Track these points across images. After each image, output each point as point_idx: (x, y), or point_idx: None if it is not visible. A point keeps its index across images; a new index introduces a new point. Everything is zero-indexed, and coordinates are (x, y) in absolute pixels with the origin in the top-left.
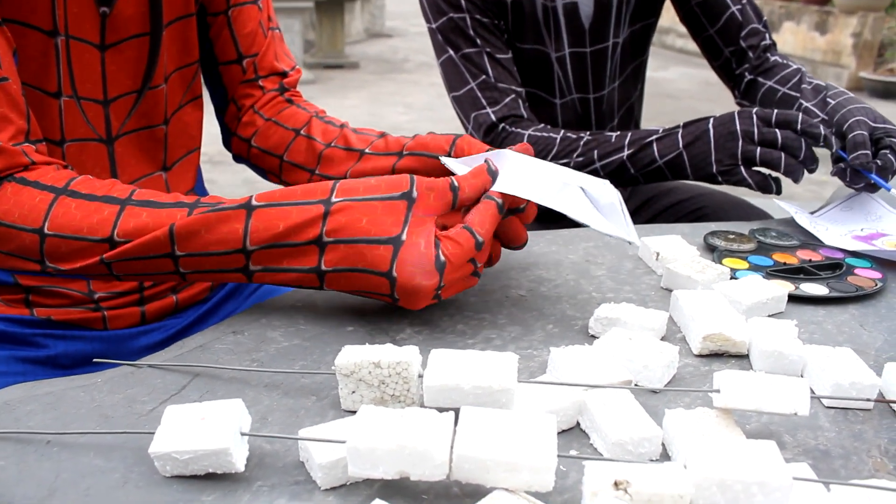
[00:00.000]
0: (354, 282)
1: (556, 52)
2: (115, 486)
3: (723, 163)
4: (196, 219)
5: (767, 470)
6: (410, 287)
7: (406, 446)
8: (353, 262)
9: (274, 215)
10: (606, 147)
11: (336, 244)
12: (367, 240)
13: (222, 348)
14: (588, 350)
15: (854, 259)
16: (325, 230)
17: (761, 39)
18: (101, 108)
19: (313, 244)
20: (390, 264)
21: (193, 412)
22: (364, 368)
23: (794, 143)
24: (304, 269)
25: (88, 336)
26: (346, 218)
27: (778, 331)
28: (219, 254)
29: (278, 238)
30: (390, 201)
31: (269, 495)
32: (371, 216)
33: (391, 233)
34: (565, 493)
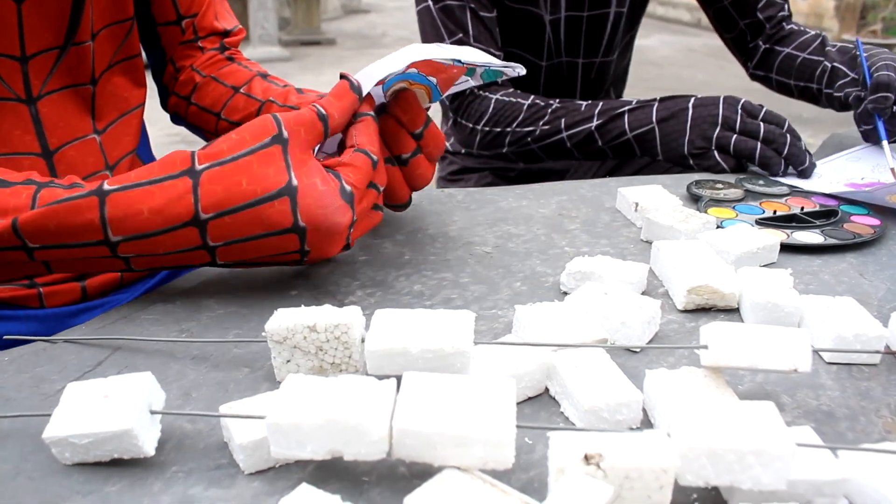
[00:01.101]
0: (254, 250)
1: (551, 16)
2: (5, 479)
3: (695, 144)
4: (41, 213)
5: (766, 436)
6: (325, 229)
7: (336, 421)
8: (247, 232)
9: (133, 199)
10: (575, 116)
11: (219, 218)
12: (256, 201)
13: (149, 319)
14: (558, 307)
15: (849, 206)
16: (199, 207)
17: (779, 10)
18: (19, 65)
19: (190, 225)
20: (293, 216)
21: (96, 389)
22: (298, 333)
23: (778, 137)
24: (190, 248)
25: (24, 315)
26: (220, 188)
27: (771, 281)
28: (80, 245)
29: (145, 226)
30: (263, 150)
31: (184, 482)
32: (249, 174)
33: (279, 183)
34: (531, 470)
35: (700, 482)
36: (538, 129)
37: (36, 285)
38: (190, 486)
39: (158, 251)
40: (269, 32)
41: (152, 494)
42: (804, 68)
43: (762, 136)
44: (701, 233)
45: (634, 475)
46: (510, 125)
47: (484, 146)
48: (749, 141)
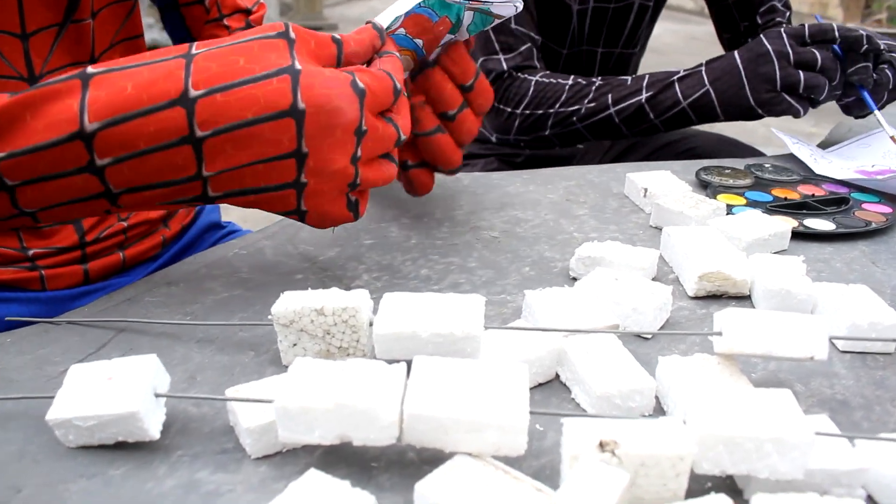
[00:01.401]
0: (244, 143)
1: (580, 5)
2: (8, 461)
3: (759, 91)
4: (14, 99)
5: (784, 424)
6: (327, 115)
7: (346, 405)
8: (237, 114)
9: (118, 77)
10: (621, 90)
11: (210, 95)
12: (253, 78)
13: (153, 301)
14: (568, 292)
15: (860, 193)
16: (190, 82)
17: (779, 16)
18: (20, 43)
19: (177, 104)
20: (292, 95)
21: (100, 371)
22: (305, 317)
23: (832, 64)
24: (173, 142)
25: (24, 298)
26: (215, 64)
27: (784, 268)
28: (48, 145)
29: (127, 105)
30: (266, 40)
31: (189, 466)
32: (248, 55)
33: (280, 64)
34: (542, 457)
35: (716, 470)
36: (583, 108)
37: (38, 268)
38: (196, 471)
39: (139, 147)
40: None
41: (157, 478)
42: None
43: (820, 65)
44: (711, 219)
45: (650, 462)
46: (553, 106)
47: (524, 130)
48: (818, 77)
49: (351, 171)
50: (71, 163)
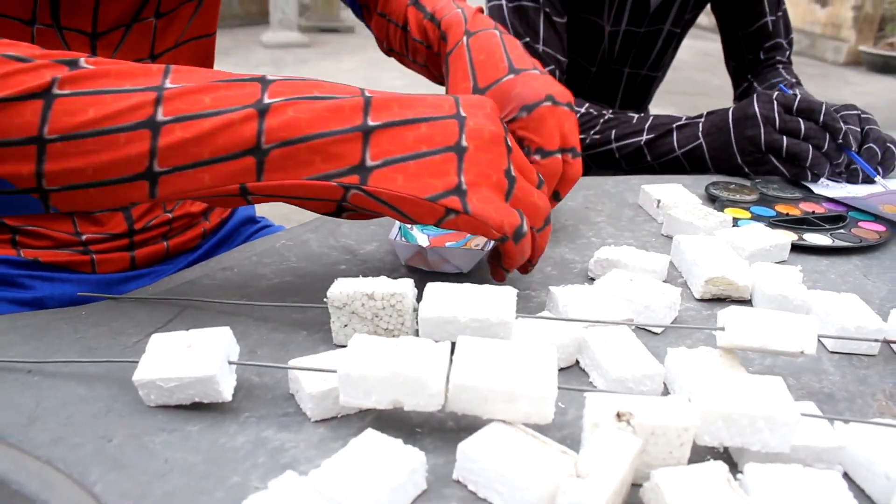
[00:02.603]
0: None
1: (612, 27)
2: (97, 415)
3: (746, 153)
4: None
5: (775, 404)
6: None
7: (400, 374)
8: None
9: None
10: (626, 128)
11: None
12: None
13: (211, 284)
14: (588, 289)
15: (857, 212)
16: (367, 155)
17: (780, 55)
18: (88, 41)
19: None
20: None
21: (179, 340)
22: (357, 300)
23: (817, 133)
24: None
25: (76, 279)
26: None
27: (782, 276)
28: (122, 129)
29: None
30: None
31: (257, 426)
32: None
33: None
34: (564, 429)
35: (715, 443)
36: (588, 138)
37: (90, 252)
38: (262, 430)
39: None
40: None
41: (229, 435)
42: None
43: (804, 134)
44: (718, 230)
45: (659, 432)
46: None
47: None
48: (801, 144)
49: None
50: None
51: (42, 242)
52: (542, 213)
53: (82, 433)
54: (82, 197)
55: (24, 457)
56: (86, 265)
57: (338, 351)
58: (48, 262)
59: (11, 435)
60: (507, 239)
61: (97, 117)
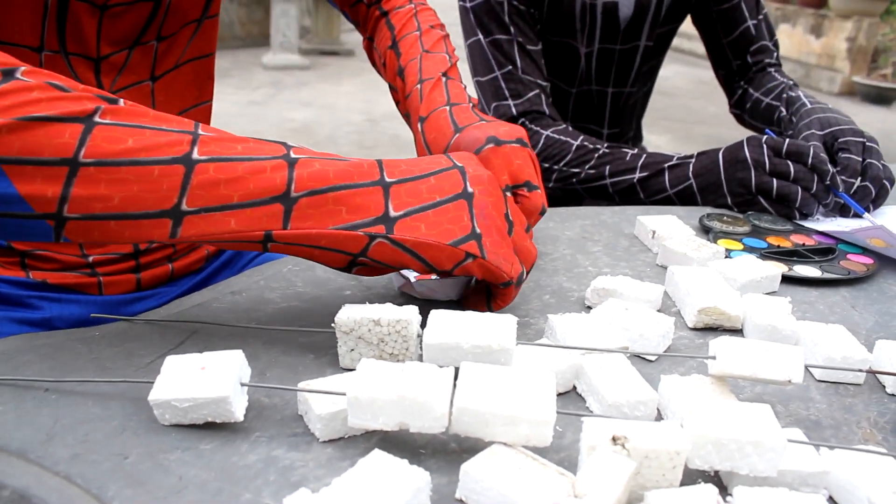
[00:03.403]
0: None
1: (586, 48)
2: (113, 433)
3: (735, 194)
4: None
5: (762, 430)
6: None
7: (407, 397)
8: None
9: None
10: (619, 165)
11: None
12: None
13: (220, 307)
14: (585, 317)
15: (846, 245)
16: (391, 206)
17: (767, 57)
18: (92, 65)
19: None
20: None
21: (193, 362)
22: (364, 326)
23: (805, 175)
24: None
25: (83, 300)
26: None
27: (772, 307)
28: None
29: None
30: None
31: (267, 445)
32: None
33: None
34: (562, 452)
35: (706, 466)
36: (584, 172)
37: (97, 274)
38: (272, 449)
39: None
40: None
41: (241, 453)
42: (766, 112)
43: (793, 176)
44: (711, 261)
45: (652, 455)
46: (558, 163)
47: None
48: (790, 185)
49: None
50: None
51: (50, 265)
52: (532, 258)
53: (99, 450)
54: (100, 229)
55: (45, 472)
56: (93, 287)
57: (345, 374)
58: (56, 284)
59: (31, 451)
60: (511, 284)
61: (136, 147)
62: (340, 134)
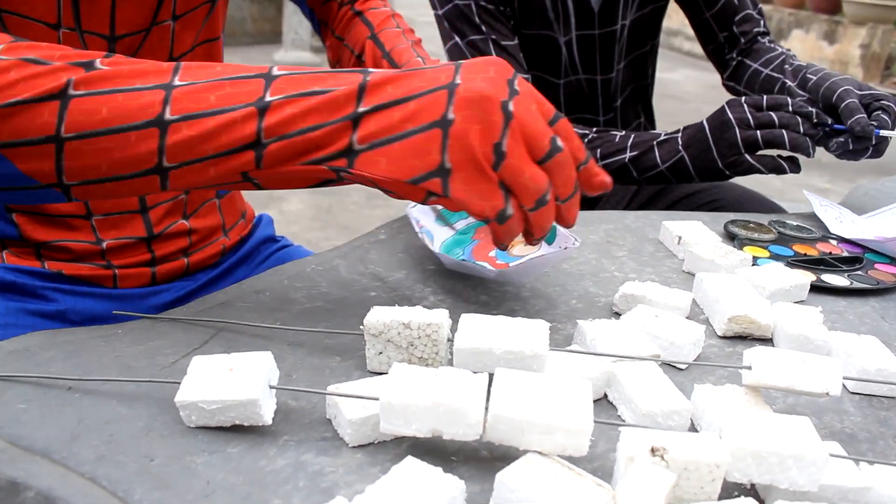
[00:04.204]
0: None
1: (564, 37)
2: (138, 435)
3: (726, 156)
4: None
5: (804, 444)
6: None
7: (441, 404)
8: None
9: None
10: (609, 147)
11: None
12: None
13: (245, 306)
14: (615, 324)
15: (874, 254)
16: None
17: (754, 26)
18: (106, 44)
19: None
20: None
21: (221, 363)
22: (393, 329)
23: (790, 120)
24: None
25: (98, 293)
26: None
27: (803, 316)
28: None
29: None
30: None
31: (296, 450)
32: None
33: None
34: (595, 461)
35: (745, 479)
36: None
37: (112, 266)
38: (301, 453)
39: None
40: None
41: (269, 457)
42: (765, 84)
43: (778, 123)
44: (738, 268)
45: (692, 468)
46: None
47: None
48: (774, 131)
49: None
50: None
51: (65, 255)
52: (532, 193)
53: (125, 451)
54: (100, 190)
55: (70, 473)
56: (108, 279)
57: (375, 378)
58: (71, 276)
59: (56, 451)
60: (490, 221)
61: (110, 116)
62: None
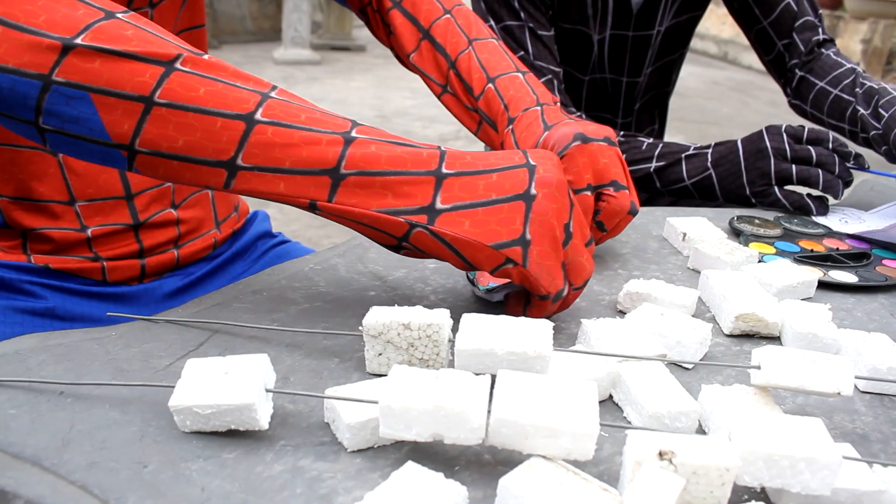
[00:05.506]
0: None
1: (598, 35)
2: (132, 440)
3: (755, 184)
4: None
5: (816, 447)
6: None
7: (442, 407)
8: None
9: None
10: (635, 153)
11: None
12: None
13: (241, 307)
14: (620, 323)
15: (881, 250)
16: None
17: (814, 34)
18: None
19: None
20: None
21: (216, 366)
22: (393, 330)
23: (827, 158)
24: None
25: (88, 292)
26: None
27: (811, 314)
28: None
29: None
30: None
31: (293, 455)
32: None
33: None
34: (601, 465)
35: (755, 483)
36: None
37: (99, 258)
38: (299, 459)
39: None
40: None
41: (266, 463)
42: (835, 106)
43: (815, 160)
44: (744, 265)
45: (701, 472)
46: None
47: None
48: (810, 169)
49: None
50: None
51: (50, 246)
52: (585, 275)
53: (117, 458)
54: (165, 166)
55: (60, 481)
56: (96, 272)
57: (374, 381)
58: (58, 269)
59: (46, 458)
60: (548, 298)
61: (206, 97)
62: None
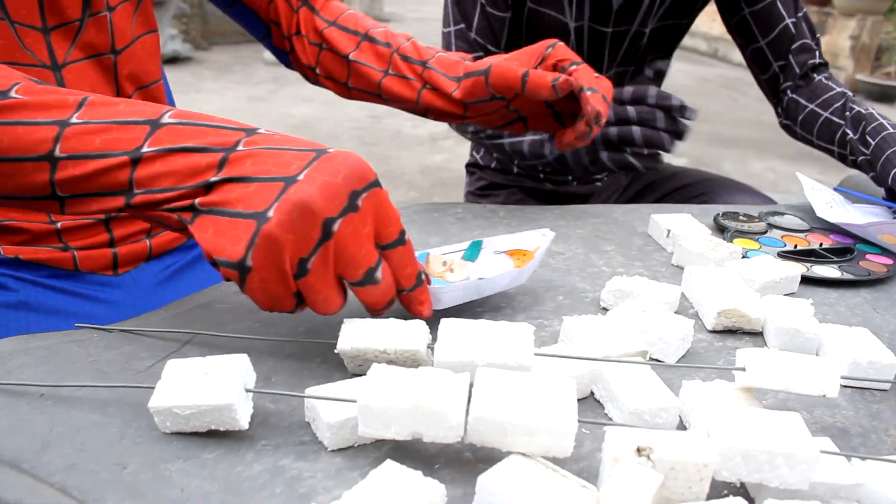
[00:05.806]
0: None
1: (575, 23)
2: (111, 441)
3: (590, 152)
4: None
5: (794, 441)
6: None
7: (421, 406)
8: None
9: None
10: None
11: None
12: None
13: (223, 308)
14: (601, 320)
15: (864, 245)
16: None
17: (810, 57)
18: (41, 35)
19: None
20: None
21: (196, 367)
22: (370, 353)
23: (647, 115)
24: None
25: (59, 287)
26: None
27: (793, 309)
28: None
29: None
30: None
31: (273, 455)
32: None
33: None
34: (581, 462)
35: (734, 478)
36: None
37: (70, 248)
38: (279, 458)
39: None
40: None
41: (246, 463)
42: (825, 130)
43: (637, 118)
44: (728, 261)
45: (679, 467)
46: (524, 159)
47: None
48: (631, 128)
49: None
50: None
51: (20, 238)
52: (320, 311)
53: (97, 460)
54: (12, 203)
55: (39, 484)
56: (68, 262)
57: (355, 380)
58: (29, 260)
59: (25, 461)
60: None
61: (10, 147)
62: (342, 130)
